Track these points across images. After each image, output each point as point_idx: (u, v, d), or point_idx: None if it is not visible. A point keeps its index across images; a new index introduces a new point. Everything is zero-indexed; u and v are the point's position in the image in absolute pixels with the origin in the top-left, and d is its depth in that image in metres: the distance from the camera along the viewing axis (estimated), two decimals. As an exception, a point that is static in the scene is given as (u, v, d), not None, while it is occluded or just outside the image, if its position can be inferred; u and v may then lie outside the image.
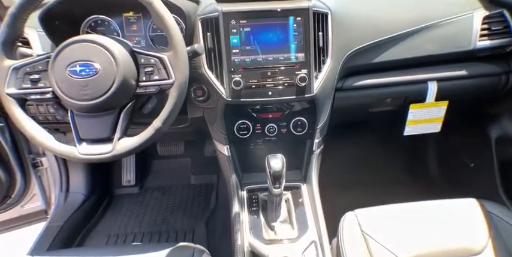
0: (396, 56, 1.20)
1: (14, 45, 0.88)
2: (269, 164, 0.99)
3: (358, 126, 1.59)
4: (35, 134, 0.86)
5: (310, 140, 1.18)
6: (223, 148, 1.18)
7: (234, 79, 1.03)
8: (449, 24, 1.23)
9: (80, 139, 0.86)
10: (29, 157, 1.64)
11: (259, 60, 1.06)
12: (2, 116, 1.46)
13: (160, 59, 0.85)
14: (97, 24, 1.19)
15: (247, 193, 1.17)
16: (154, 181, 1.99)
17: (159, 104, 0.95)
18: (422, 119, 1.34)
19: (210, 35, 1.05)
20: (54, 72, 0.83)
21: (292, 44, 1.06)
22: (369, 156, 1.82)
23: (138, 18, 1.19)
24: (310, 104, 1.11)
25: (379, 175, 1.80)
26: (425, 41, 1.21)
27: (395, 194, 1.32)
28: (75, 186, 1.70)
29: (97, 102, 0.82)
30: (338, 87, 1.18)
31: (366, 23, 1.17)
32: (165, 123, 0.86)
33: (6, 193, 1.55)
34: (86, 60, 0.82)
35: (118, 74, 0.82)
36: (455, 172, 1.75)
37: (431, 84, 1.26)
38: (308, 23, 1.05)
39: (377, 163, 1.85)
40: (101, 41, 0.84)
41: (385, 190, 1.59)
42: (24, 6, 0.84)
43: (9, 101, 0.86)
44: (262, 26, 1.05)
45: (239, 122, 1.12)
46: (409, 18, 1.21)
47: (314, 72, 1.07)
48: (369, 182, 1.74)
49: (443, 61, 1.26)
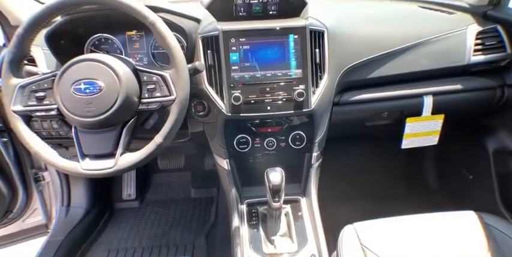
0: (392, 71, 1.24)
1: (20, 64, 0.91)
2: (268, 178, 1.00)
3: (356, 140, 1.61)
4: (39, 150, 0.88)
5: (308, 153, 1.20)
6: (223, 162, 1.19)
7: (234, 95, 1.06)
8: (443, 40, 1.26)
9: (83, 155, 0.89)
10: (31, 172, 1.65)
11: (258, 76, 1.09)
12: (5, 132, 1.48)
13: (162, 77, 0.88)
14: (101, 42, 1.23)
15: (247, 207, 1.18)
16: (154, 194, 1.99)
17: (161, 120, 0.98)
18: (419, 132, 1.36)
19: (211, 52, 1.08)
20: (60, 90, 0.86)
21: (290, 60, 1.09)
22: (367, 169, 1.83)
23: (141, 36, 1.23)
24: (308, 119, 1.13)
25: (378, 188, 1.81)
26: (420, 56, 1.25)
27: (394, 206, 1.33)
28: (76, 200, 1.71)
29: (100, 118, 0.85)
30: (335, 102, 1.20)
31: (361, 40, 1.21)
32: (166, 138, 0.88)
33: (8, 207, 1.56)
34: (90, 78, 0.85)
35: (121, 91, 0.85)
36: (454, 184, 1.76)
37: (427, 98, 1.28)
38: (305, 40, 1.08)
39: (376, 175, 1.86)
40: (105, 60, 0.87)
41: (384, 203, 1.59)
42: (31, 28, 0.88)
43: (15, 118, 0.89)
44: (260, 44, 1.09)
45: (239, 137, 1.14)
46: (403, 34, 1.25)
47: (311, 87, 1.09)
48: (368, 194, 1.74)
49: (439, 76, 1.29)
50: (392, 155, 1.77)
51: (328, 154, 1.28)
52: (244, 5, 1.25)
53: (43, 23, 0.89)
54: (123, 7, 0.86)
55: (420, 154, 1.84)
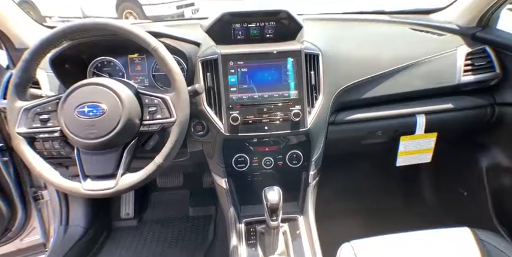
0: (385, 91, 1.28)
1: (26, 87, 0.95)
2: (266, 197, 1.02)
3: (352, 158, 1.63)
4: (42, 171, 0.90)
5: (305, 172, 1.22)
6: (222, 181, 1.21)
7: (232, 115, 1.09)
8: (434, 61, 1.31)
9: (84, 175, 0.91)
10: (31, 190, 1.66)
11: (255, 97, 1.13)
12: (7, 151, 1.49)
13: (163, 100, 0.92)
14: (103, 65, 1.27)
15: (245, 226, 1.19)
16: (152, 213, 1.99)
17: (160, 140, 1.01)
18: (413, 150, 1.40)
19: (210, 75, 1.12)
20: (64, 113, 0.89)
21: (287, 82, 1.13)
22: (364, 186, 1.85)
23: (143, 59, 1.27)
24: (305, 138, 1.16)
25: (374, 205, 1.82)
26: (412, 77, 1.29)
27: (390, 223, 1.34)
28: (75, 219, 1.71)
29: (102, 140, 0.88)
30: (331, 121, 1.24)
31: (354, 62, 1.26)
32: (167, 159, 0.91)
33: (7, 226, 1.56)
34: (93, 101, 0.89)
35: (123, 114, 0.88)
36: (449, 200, 1.77)
37: (419, 117, 1.32)
38: (301, 63, 1.13)
39: (372, 192, 1.87)
40: (109, 84, 0.91)
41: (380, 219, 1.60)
42: (37, 53, 0.92)
43: (19, 139, 0.91)
44: (258, 67, 1.13)
45: (237, 156, 1.17)
46: (395, 56, 1.30)
47: (307, 108, 1.13)
48: (365, 211, 1.75)
49: (431, 95, 1.33)
50: (388, 172, 1.80)
51: (326, 171, 1.30)
52: (242, 28, 1.30)
53: (49, 48, 0.93)
54: (127, 34, 0.91)
55: (415, 171, 1.86)
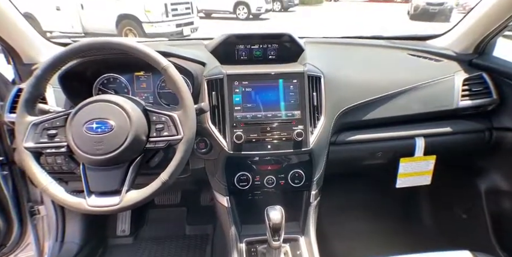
0: (385, 114, 1.31)
1: (35, 102, 0.96)
2: (268, 216, 1.03)
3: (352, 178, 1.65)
4: (47, 186, 0.90)
5: (307, 191, 1.22)
6: (223, 199, 1.21)
7: (236, 133, 1.11)
8: (432, 86, 1.36)
9: (89, 192, 0.91)
10: (28, 205, 1.64)
11: (259, 116, 1.15)
12: (6, 165, 1.48)
13: (170, 117, 0.94)
14: (109, 81, 1.29)
15: (246, 246, 1.18)
16: (149, 230, 1.96)
17: (164, 157, 1.02)
18: (412, 172, 1.42)
19: (215, 94, 1.15)
20: (72, 129, 0.90)
21: (289, 102, 1.16)
22: (363, 207, 1.85)
23: (148, 77, 1.30)
24: (307, 158, 1.18)
25: (373, 226, 1.81)
26: (411, 100, 1.33)
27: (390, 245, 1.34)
28: (71, 235, 1.68)
29: (109, 156, 0.88)
30: (332, 142, 1.26)
31: (354, 84, 1.30)
32: (172, 176, 0.91)
33: (2, 241, 1.53)
34: (102, 118, 0.90)
35: (131, 130, 0.89)
36: (448, 223, 1.78)
37: (418, 140, 1.35)
38: (303, 84, 1.16)
39: (371, 214, 1.87)
40: (118, 101, 0.92)
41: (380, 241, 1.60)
42: (49, 69, 0.94)
43: (25, 154, 0.91)
44: (262, 87, 1.17)
45: (239, 174, 1.18)
46: (395, 80, 1.34)
47: (310, 128, 1.15)
48: (364, 232, 1.75)
49: (430, 118, 1.36)
50: (388, 193, 1.81)
51: (325, 191, 1.31)
52: (246, 50, 1.34)
53: (62, 65, 0.95)
54: (139, 53, 0.93)
55: (414, 193, 1.87)
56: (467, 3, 14.24)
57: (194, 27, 7.90)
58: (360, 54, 1.55)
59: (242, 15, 12.38)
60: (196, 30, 7.99)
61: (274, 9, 14.35)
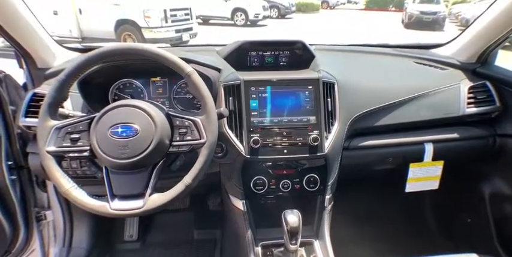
0: (395, 120, 1.35)
1: (58, 107, 0.97)
2: (286, 220, 1.04)
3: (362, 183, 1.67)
4: (70, 190, 0.90)
5: (321, 196, 1.24)
6: (239, 203, 1.22)
7: (253, 138, 1.13)
8: (439, 93, 1.40)
9: (112, 195, 0.91)
10: (34, 210, 1.63)
11: (275, 121, 1.17)
12: (15, 169, 1.48)
13: (194, 122, 0.95)
14: (125, 86, 1.31)
15: (261, 249, 1.19)
16: (156, 235, 1.95)
17: (185, 161, 1.03)
18: (421, 177, 1.45)
19: (232, 99, 1.17)
20: (96, 133, 0.91)
21: (305, 108, 1.18)
22: (372, 211, 1.87)
23: (164, 82, 1.32)
24: (321, 162, 1.20)
25: (381, 230, 1.84)
26: (420, 107, 1.37)
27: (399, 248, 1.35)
28: (78, 241, 1.66)
29: (134, 160, 0.89)
30: (345, 147, 1.28)
31: (365, 91, 1.33)
32: (195, 179, 0.92)
33: (8, 247, 1.51)
34: (127, 122, 0.91)
35: (156, 135, 0.91)
36: (454, 227, 1.81)
37: (427, 145, 1.38)
38: (318, 90, 1.19)
39: (379, 218, 1.89)
40: (142, 106, 0.93)
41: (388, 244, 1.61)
42: (73, 74, 0.95)
43: (47, 158, 0.92)
44: (278, 92, 1.19)
45: (255, 178, 1.19)
46: (404, 87, 1.38)
47: (324, 133, 1.18)
48: (372, 236, 1.77)
49: (438, 125, 1.40)
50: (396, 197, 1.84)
51: (337, 195, 1.33)
52: (258, 56, 1.37)
53: (85, 69, 0.96)
54: (162, 59, 0.95)
55: (422, 197, 1.90)
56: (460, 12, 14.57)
57: (193, 33, 7.94)
58: (368, 61, 1.59)
59: (240, 22, 12.46)
60: (195, 36, 8.03)
61: (271, 16, 14.48)
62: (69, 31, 7.43)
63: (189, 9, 7.94)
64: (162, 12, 7.18)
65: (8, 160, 1.42)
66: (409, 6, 14.19)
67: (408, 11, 13.86)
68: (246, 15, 12.39)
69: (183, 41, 7.59)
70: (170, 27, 7.37)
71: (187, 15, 7.88)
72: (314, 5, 20.16)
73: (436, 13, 13.28)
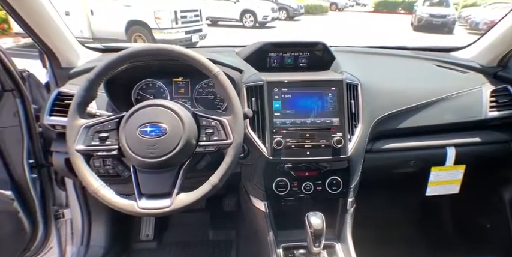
0: (417, 123, 1.34)
1: (86, 106, 0.98)
2: (309, 222, 1.04)
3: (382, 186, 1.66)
4: (98, 189, 0.91)
5: (343, 198, 1.24)
6: (261, 204, 1.22)
7: (276, 139, 1.13)
8: (461, 97, 1.39)
9: (140, 194, 0.92)
10: (53, 208, 1.64)
11: (298, 123, 1.17)
12: (36, 167, 1.49)
13: (220, 122, 0.95)
14: (148, 86, 1.32)
15: (283, 251, 1.18)
16: (172, 235, 1.96)
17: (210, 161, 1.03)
18: (442, 180, 1.43)
19: (255, 100, 1.17)
20: (125, 132, 0.92)
21: (328, 110, 1.18)
22: (392, 214, 1.86)
23: (186, 83, 1.32)
24: (344, 165, 1.19)
25: (401, 233, 1.83)
26: (442, 110, 1.36)
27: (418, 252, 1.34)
28: (96, 239, 1.67)
29: (162, 159, 0.90)
30: (367, 149, 1.27)
31: (387, 94, 1.32)
32: (221, 179, 0.93)
33: (27, 245, 1.52)
34: (156, 122, 0.91)
35: (184, 134, 0.91)
36: (473, 231, 1.79)
37: (450, 149, 1.37)
38: (342, 92, 1.18)
39: (399, 221, 1.88)
40: (170, 106, 0.94)
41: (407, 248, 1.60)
42: (102, 74, 0.96)
43: (76, 156, 0.92)
44: (301, 94, 1.19)
45: (278, 179, 1.19)
46: (426, 90, 1.37)
47: (348, 135, 1.17)
48: (392, 240, 1.76)
49: (460, 129, 1.38)
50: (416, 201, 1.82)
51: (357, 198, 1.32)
52: (278, 57, 1.37)
53: (113, 69, 0.97)
54: (190, 60, 0.95)
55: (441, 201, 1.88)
56: (470, 16, 14.46)
57: (203, 34, 7.98)
58: (388, 63, 1.58)
59: (248, 23, 12.49)
60: (205, 37, 8.07)
61: (280, 17, 14.50)
62: (80, 32, 7.51)
63: (199, 10, 7.98)
64: (173, 14, 7.23)
65: (29, 158, 1.44)
66: (418, 9, 14.10)
67: (418, 14, 13.77)
68: (254, 17, 12.42)
69: (193, 42, 7.64)
70: (180, 28, 7.41)
71: (197, 16, 7.92)
72: (322, 7, 20.17)
73: (446, 16, 13.18)
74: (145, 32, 7.32)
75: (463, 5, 17.37)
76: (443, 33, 12.84)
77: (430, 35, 12.36)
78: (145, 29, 7.30)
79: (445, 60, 1.59)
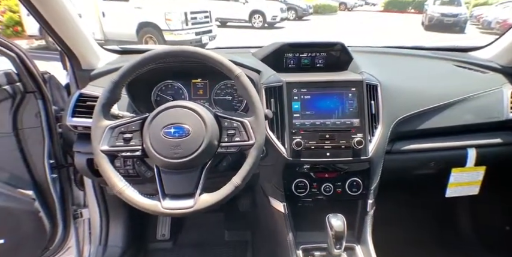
0: (438, 124, 1.32)
1: (110, 107, 0.99)
2: (330, 224, 1.03)
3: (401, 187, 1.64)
4: (123, 189, 0.92)
5: (362, 200, 1.23)
6: (280, 205, 1.22)
7: (296, 140, 1.12)
8: (482, 97, 1.37)
9: (164, 194, 0.92)
10: (72, 208, 1.66)
11: (317, 124, 1.16)
12: (56, 168, 1.51)
13: (242, 123, 0.95)
14: (167, 88, 1.33)
15: (302, 253, 1.18)
16: (188, 235, 1.97)
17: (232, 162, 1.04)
18: (462, 182, 1.42)
19: (274, 101, 1.17)
20: (150, 133, 0.92)
21: (348, 110, 1.17)
22: (410, 216, 1.84)
23: (205, 84, 1.33)
24: (365, 166, 1.18)
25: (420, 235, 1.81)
26: (463, 111, 1.34)
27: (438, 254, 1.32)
28: (113, 239, 1.69)
29: (185, 160, 0.90)
30: (387, 151, 1.26)
31: (407, 94, 1.31)
32: (244, 180, 0.93)
33: (47, 244, 1.55)
34: (179, 123, 0.92)
35: (206, 135, 0.92)
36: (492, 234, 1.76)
37: (470, 150, 1.35)
38: (362, 93, 1.17)
39: (418, 223, 1.86)
40: (193, 107, 0.95)
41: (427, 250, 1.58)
42: (127, 75, 0.97)
43: (101, 157, 0.93)
44: (321, 94, 1.18)
45: (297, 180, 1.18)
46: (445, 91, 1.36)
47: (368, 136, 1.16)
48: (412, 242, 1.75)
49: (481, 129, 1.36)
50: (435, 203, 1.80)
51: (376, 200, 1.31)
52: (294, 58, 1.37)
53: (137, 71, 0.98)
54: (213, 61, 0.96)
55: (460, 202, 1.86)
56: (481, 15, 14.25)
57: (212, 35, 8.01)
58: (406, 63, 1.57)
59: (257, 24, 12.50)
60: (214, 38, 8.10)
61: (289, 18, 14.48)
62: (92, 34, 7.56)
63: (209, 12, 8.02)
64: (183, 15, 7.27)
65: (49, 158, 1.46)
66: (429, 8, 13.93)
67: (428, 13, 13.60)
68: (263, 17, 12.42)
69: (203, 43, 7.67)
70: (190, 29, 7.45)
71: (207, 17, 7.96)
72: (331, 7, 20.07)
73: (458, 15, 13.00)
74: (156, 33, 7.37)
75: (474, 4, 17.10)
76: (454, 32, 12.68)
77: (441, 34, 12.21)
78: (156, 30, 7.35)
79: (463, 60, 1.57)
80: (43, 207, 1.48)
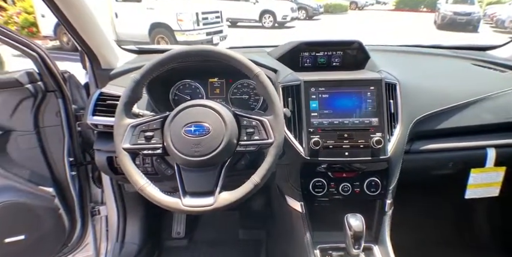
0: (457, 123, 1.30)
1: (132, 105, 1.01)
2: (349, 224, 1.03)
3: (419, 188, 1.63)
4: (145, 186, 0.93)
5: (380, 200, 1.22)
6: (297, 205, 1.21)
7: (313, 139, 1.12)
8: (502, 96, 1.35)
9: (184, 192, 0.93)
10: (90, 205, 1.69)
11: (336, 123, 1.16)
12: (75, 166, 1.54)
13: (261, 122, 0.96)
14: (184, 87, 1.34)
15: (320, 252, 1.17)
16: (202, 233, 1.98)
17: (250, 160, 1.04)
18: (482, 183, 1.39)
19: (291, 100, 1.16)
20: (171, 131, 0.93)
21: (367, 109, 1.16)
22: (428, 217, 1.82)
23: (222, 83, 1.34)
24: (383, 166, 1.17)
25: (438, 236, 1.79)
26: (482, 110, 1.32)
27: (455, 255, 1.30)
28: (130, 236, 1.71)
29: (205, 158, 0.91)
30: (406, 150, 1.24)
31: (426, 93, 1.29)
32: (263, 179, 0.93)
33: (65, 241, 1.58)
34: (200, 121, 0.93)
35: (226, 134, 0.92)
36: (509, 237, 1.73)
37: (490, 150, 1.33)
38: (381, 91, 1.16)
39: (436, 224, 1.84)
40: (213, 105, 0.95)
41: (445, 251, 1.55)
42: (148, 74, 0.98)
43: (123, 154, 0.95)
44: (339, 93, 1.17)
45: (314, 180, 1.18)
46: (465, 90, 1.34)
47: (387, 135, 1.15)
48: (430, 243, 1.73)
49: (501, 129, 1.34)
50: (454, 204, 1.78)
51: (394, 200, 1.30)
52: (311, 57, 1.37)
53: (158, 70, 0.99)
54: (232, 60, 0.96)
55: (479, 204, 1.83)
56: (495, 13, 14.00)
57: (223, 35, 8.05)
58: (424, 62, 1.55)
59: (268, 24, 12.51)
60: (225, 38, 8.14)
61: (299, 17, 14.44)
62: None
63: (220, 12, 8.06)
64: (194, 16, 7.33)
65: (69, 156, 1.49)
66: (442, 6, 13.75)
67: (441, 12, 13.43)
68: (274, 17, 12.42)
69: (214, 43, 7.71)
70: (202, 30, 7.50)
71: (218, 18, 8.00)
72: (342, 6, 19.95)
73: (471, 14, 12.80)
74: (168, 34, 7.44)
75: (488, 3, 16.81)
76: (467, 31, 12.48)
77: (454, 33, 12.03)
78: (168, 31, 7.43)
79: (482, 59, 1.55)
80: (62, 204, 1.51)
